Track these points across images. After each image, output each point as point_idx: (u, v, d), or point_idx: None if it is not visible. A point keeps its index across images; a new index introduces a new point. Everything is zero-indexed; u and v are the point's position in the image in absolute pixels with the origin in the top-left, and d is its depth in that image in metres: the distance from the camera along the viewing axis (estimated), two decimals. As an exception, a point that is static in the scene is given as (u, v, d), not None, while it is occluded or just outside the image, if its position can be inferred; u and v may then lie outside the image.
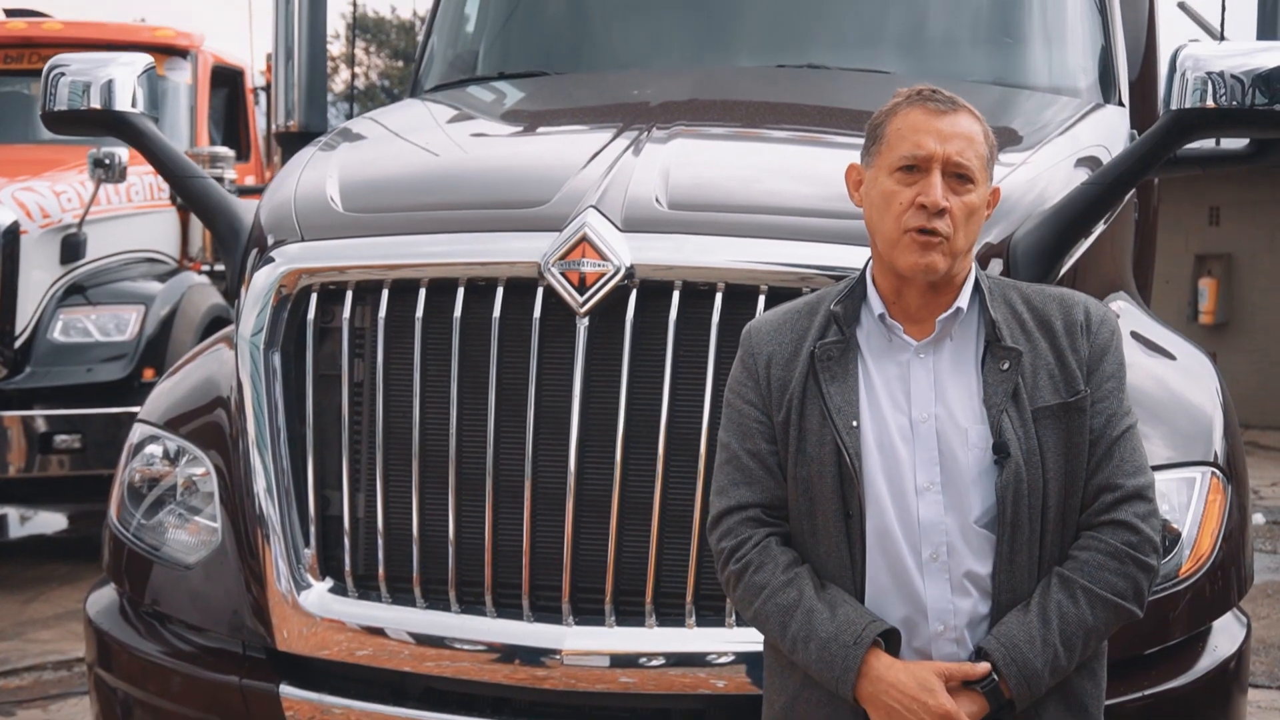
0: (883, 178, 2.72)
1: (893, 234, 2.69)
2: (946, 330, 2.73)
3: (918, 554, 2.67)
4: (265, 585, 3.70)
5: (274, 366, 3.74)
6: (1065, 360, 2.72)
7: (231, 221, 4.15)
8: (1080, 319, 2.76)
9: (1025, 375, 2.69)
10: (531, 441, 3.53)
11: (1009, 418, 2.66)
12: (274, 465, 3.71)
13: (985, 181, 2.72)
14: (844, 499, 2.69)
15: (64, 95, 4.18)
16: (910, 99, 2.74)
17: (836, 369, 2.73)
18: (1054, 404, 2.68)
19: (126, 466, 4.21)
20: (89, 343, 8.93)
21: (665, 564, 3.51)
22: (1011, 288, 2.82)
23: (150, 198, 9.87)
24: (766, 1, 5.29)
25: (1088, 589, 2.65)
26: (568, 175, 3.72)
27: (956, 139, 2.67)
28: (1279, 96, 3.54)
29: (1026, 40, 5.26)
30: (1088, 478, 2.70)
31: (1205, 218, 16.11)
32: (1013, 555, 2.66)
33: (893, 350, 2.75)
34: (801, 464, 2.73)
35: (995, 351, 2.70)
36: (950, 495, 2.67)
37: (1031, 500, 2.65)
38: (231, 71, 11.35)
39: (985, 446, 2.66)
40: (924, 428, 2.69)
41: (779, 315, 2.89)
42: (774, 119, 4.53)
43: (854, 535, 2.70)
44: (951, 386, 2.70)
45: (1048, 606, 2.64)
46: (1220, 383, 4.14)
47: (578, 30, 5.55)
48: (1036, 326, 2.74)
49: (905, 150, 2.68)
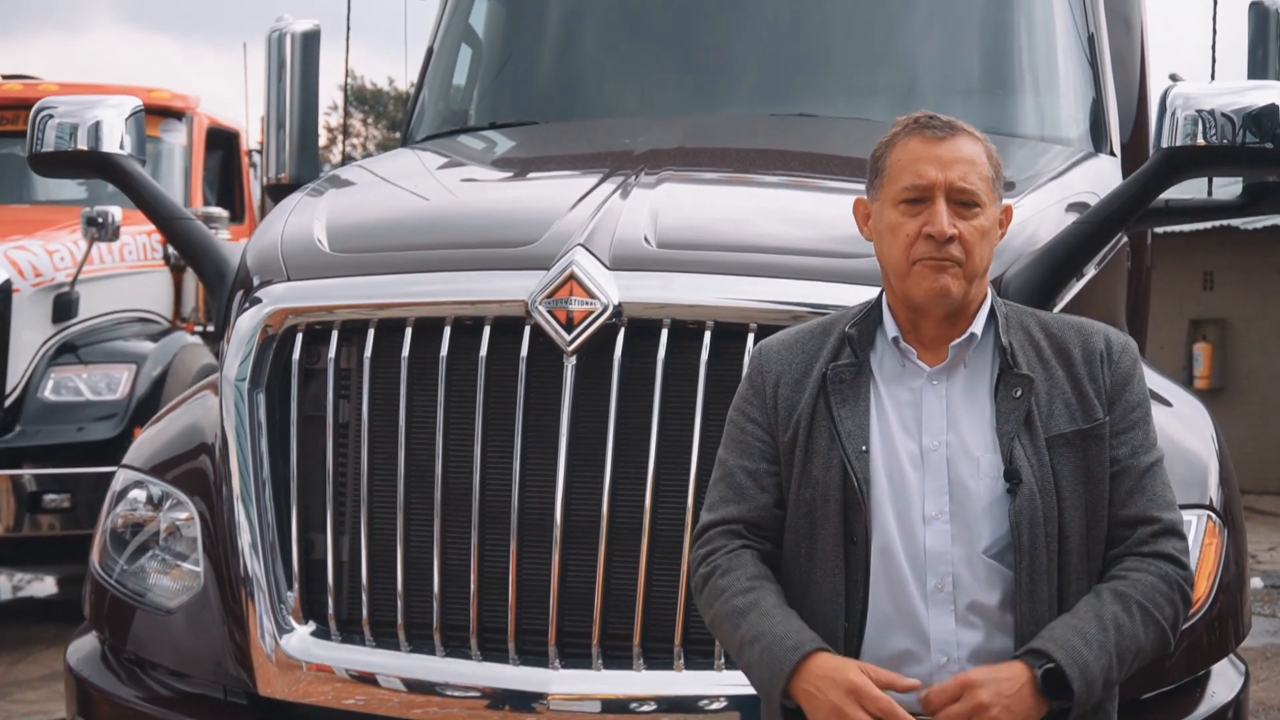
0: (888, 210, 2.69)
1: (902, 265, 2.66)
2: (960, 357, 2.69)
3: (923, 584, 2.62)
4: (247, 629, 3.64)
5: (258, 408, 3.71)
6: (1083, 388, 2.67)
7: (218, 263, 4.14)
8: (1100, 348, 2.71)
9: (1040, 402, 2.65)
10: (518, 482, 3.49)
11: (1021, 445, 2.61)
12: (257, 508, 3.67)
13: (993, 202, 2.68)
14: (847, 524, 2.64)
15: (51, 137, 4.17)
16: (907, 128, 2.71)
17: (848, 392, 2.69)
18: (1069, 431, 2.64)
19: (110, 513, 4.16)
20: (80, 401, 8.88)
21: (653, 606, 3.46)
22: (1030, 315, 2.77)
23: (143, 257, 9.85)
24: (757, 53, 5.30)
25: (1144, 607, 2.59)
26: (555, 216, 3.71)
27: (958, 164, 2.63)
28: (1270, 135, 3.53)
29: (1018, 90, 5.28)
30: (1117, 508, 2.66)
31: (1199, 282, 16.12)
32: (1033, 586, 2.60)
33: (905, 376, 2.70)
34: (806, 486, 2.68)
35: (1008, 379, 2.66)
36: (959, 525, 2.61)
37: (1048, 529, 2.60)
38: (227, 133, 11.37)
39: (996, 475, 2.61)
40: (934, 456, 2.64)
41: (791, 335, 2.85)
42: (763, 165, 4.53)
43: (855, 562, 2.64)
44: (964, 414, 2.66)
45: (1104, 615, 2.56)
46: (1216, 431, 4.12)
47: (569, 82, 5.56)
48: (1054, 354, 2.70)
49: (907, 181, 2.65)
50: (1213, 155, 3.56)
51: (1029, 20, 5.37)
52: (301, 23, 5.77)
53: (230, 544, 3.72)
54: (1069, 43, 5.31)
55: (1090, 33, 5.33)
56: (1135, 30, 5.98)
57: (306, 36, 5.71)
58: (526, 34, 5.73)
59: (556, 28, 5.72)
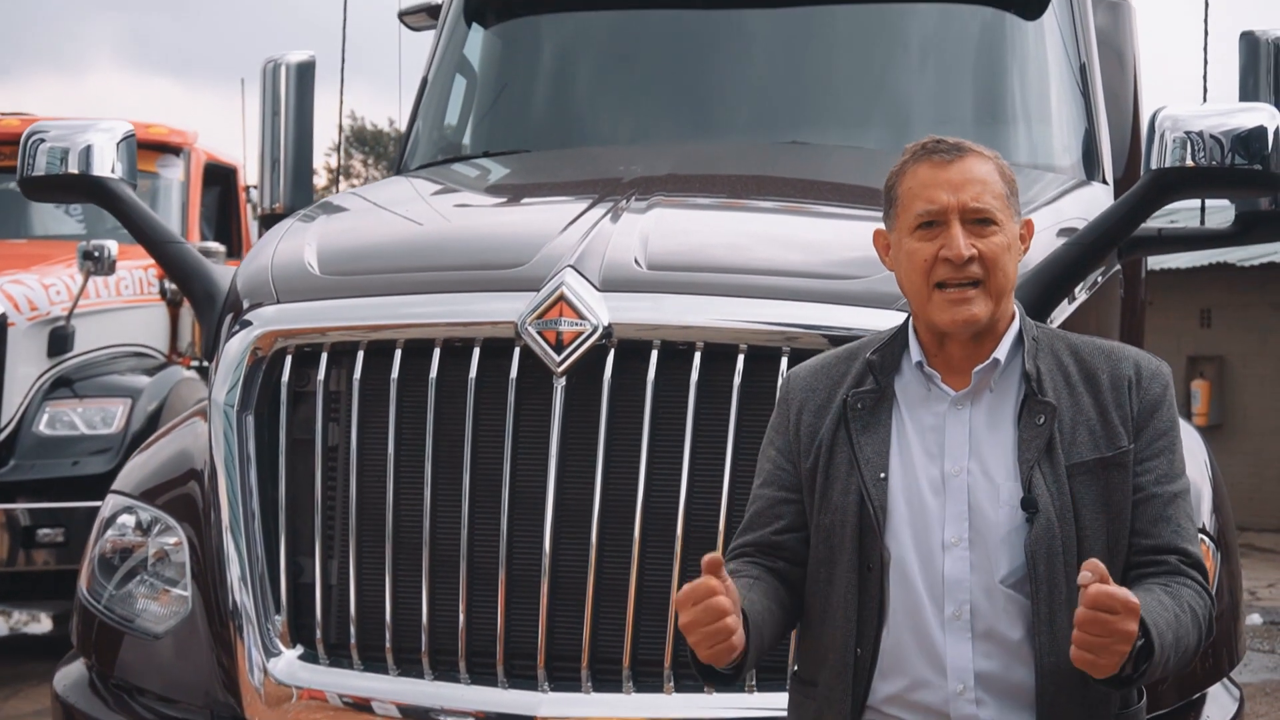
0: (905, 239, 2.67)
1: (924, 292, 2.64)
2: (984, 382, 2.65)
3: (940, 611, 2.58)
4: (234, 653, 3.63)
5: (247, 430, 3.70)
6: (1108, 415, 2.63)
7: (208, 286, 4.13)
8: (1129, 374, 2.67)
9: (1064, 429, 2.61)
10: (507, 507, 3.49)
11: (1041, 473, 2.57)
12: (245, 531, 3.66)
13: (1010, 218, 2.65)
14: (863, 551, 2.62)
15: (42, 162, 4.17)
16: (915, 155, 2.69)
17: (868, 419, 2.67)
18: (1090, 460, 2.59)
19: (98, 539, 4.15)
20: (75, 436, 8.86)
21: (643, 629, 3.45)
22: (1060, 339, 2.74)
23: (140, 292, 9.85)
24: (750, 85, 5.33)
25: (1193, 610, 2.54)
26: (545, 239, 3.71)
27: (969, 185, 2.61)
28: (1259, 157, 3.53)
29: (1010, 120, 5.29)
30: (1140, 536, 2.61)
31: (1196, 319, 16.12)
32: (1052, 616, 2.55)
33: (930, 400, 2.67)
34: (825, 512, 2.66)
35: (1031, 405, 2.62)
36: (977, 553, 2.58)
37: (1066, 559, 2.55)
38: (224, 169, 11.38)
39: (1015, 503, 2.57)
40: (955, 482, 2.61)
41: (817, 362, 2.83)
42: (754, 190, 4.54)
43: (870, 589, 2.61)
44: (987, 440, 2.63)
45: (1166, 604, 2.49)
46: (1210, 458, 4.11)
47: (563, 112, 5.58)
48: (1081, 380, 2.66)
49: (919, 208, 2.64)
50: (1202, 176, 3.56)
51: (1021, 51, 5.39)
52: (296, 54, 5.79)
53: (218, 568, 3.71)
54: (1061, 73, 5.33)
55: (1082, 63, 5.35)
56: (1129, 65, 6.00)
57: (301, 67, 5.73)
58: (521, 65, 5.75)
59: (551, 59, 5.74)
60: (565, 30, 5.73)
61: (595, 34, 5.66)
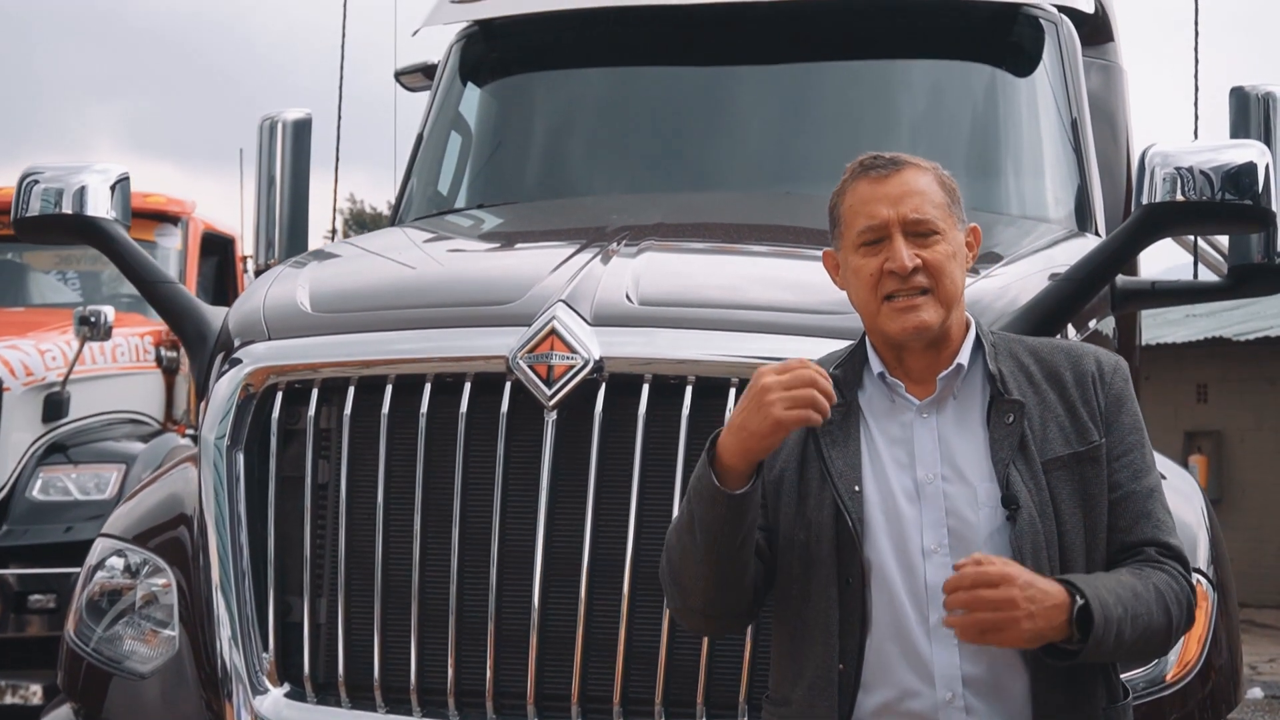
0: (851, 256, 2.72)
1: (872, 305, 2.68)
2: (949, 388, 2.68)
3: (924, 619, 2.58)
4: (220, 691, 3.59)
5: (237, 467, 3.69)
6: (1076, 411, 2.66)
7: (199, 326, 4.13)
8: (1092, 369, 2.70)
9: (1034, 427, 2.63)
10: (497, 543, 3.46)
11: (1017, 470, 2.60)
12: (234, 567, 3.64)
13: (953, 226, 2.69)
14: (841, 565, 2.62)
15: (36, 202, 4.18)
16: (854, 173, 2.75)
17: (838, 433, 2.68)
18: (1064, 454, 2.62)
19: (87, 583, 4.12)
20: (68, 501, 8.83)
21: (633, 665, 3.42)
22: (1017, 341, 2.78)
23: (136, 359, 9.85)
24: (743, 140, 5.36)
25: (1158, 589, 2.55)
26: (537, 279, 3.71)
27: (908, 198, 2.66)
28: (1249, 192, 3.54)
29: (1003, 173, 5.32)
30: (1122, 534, 2.63)
31: (1193, 394, 16.13)
32: None
33: (895, 410, 2.69)
34: (800, 527, 2.65)
35: (999, 405, 2.65)
36: (960, 557, 2.56)
37: (1050, 554, 2.57)
38: (223, 239, 11.41)
39: (995, 503, 2.59)
40: (930, 488, 2.62)
41: None
42: (744, 236, 4.57)
43: (849, 604, 2.61)
44: (957, 445, 2.65)
45: (1123, 580, 2.53)
46: (1206, 503, 4.10)
47: (557, 167, 5.61)
48: (1045, 378, 2.69)
49: (861, 224, 2.68)
50: (1193, 211, 3.57)
51: (1013, 106, 5.42)
52: (293, 111, 5.83)
53: (206, 605, 3.68)
54: (1053, 128, 5.36)
55: (1074, 118, 5.38)
56: (1121, 137, 6.04)
57: (298, 124, 5.76)
58: (515, 122, 5.79)
59: (545, 116, 5.78)
60: (560, 88, 5.78)
61: (589, 91, 5.70)
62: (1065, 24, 5.43)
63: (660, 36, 5.56)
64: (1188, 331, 16.12)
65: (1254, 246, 4.74)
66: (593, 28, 5.57)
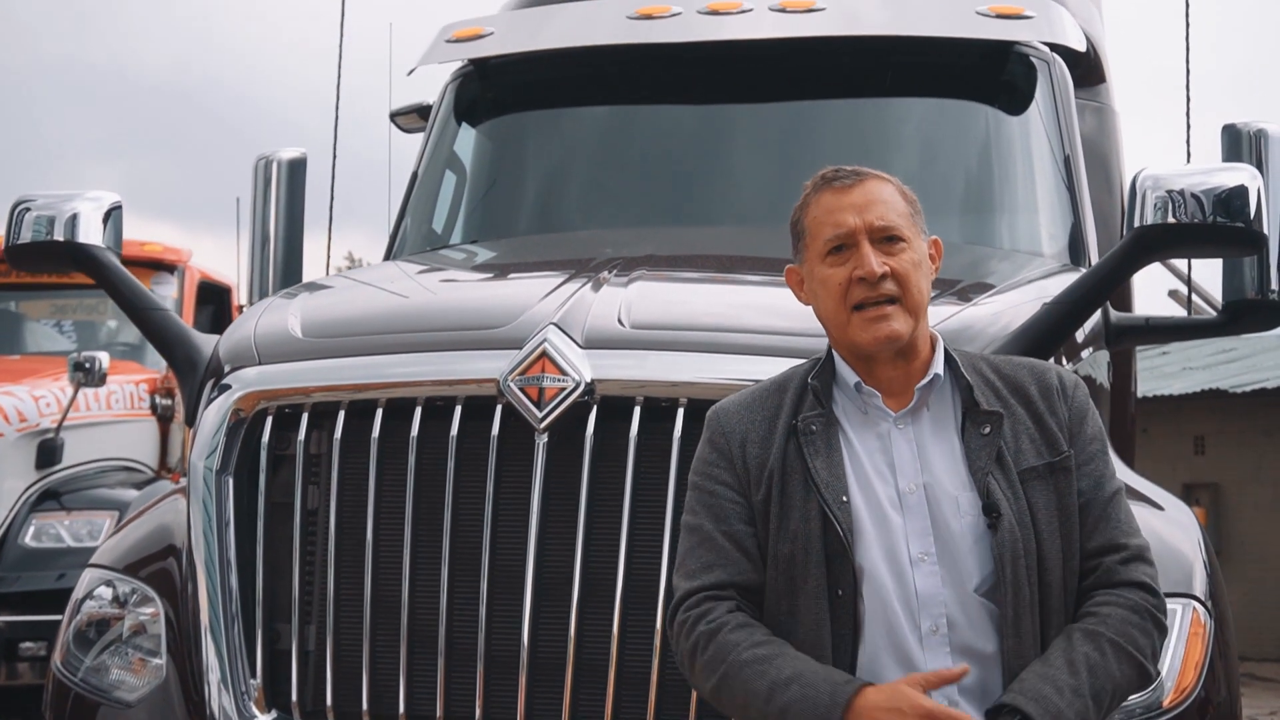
0: (817, 267, 2.72)
1: (841, 315, 2.68)
2: (925, 399, 2.69)
3: (917, 627, 2.58)
4: (208, 717, 3.54)
5: (226, 492, 3.66)
6: (1044, 423, 2.68)
7: (189, 353, 4.11)
8: (1055, 383, 2.73)
9: (1007, 439, 2.65)
10: (487, 569, 3.44)
11: (996, 480, 2.61)
12: (223, 593, 3.60)
13: (917, 235, 2.72)
14: (831, 576, 2.60)
15: (28, 230, 4.17)
16: (817, 186, 2.76)
17: (820, 443, 2.67)
18: (1039, 465, 2.64)
19: (75, 613, 4.08)
20: (61, 548, 8.81)
21: (624, 692, 3.37)
22: (979, 358, 2.80)
23: (130, 406, 9.84)
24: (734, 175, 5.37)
25: (1115, 642, 2.56)
26: (528, 304, 3.71)
27: (873, 205, 2.67)
28: (1240, 215, 3.54)
29: (996, 209, 5.33)
30: (1084, 540, 2.65)
31: (1190, 447, 16.11)
32: (1018, 620, 2.57)
33: (870, 422, 2.69)
34: (783, 541, 2.63)
35: (975, 416, 2.66)
36: (946, 565, 2.59)
37: (1029, 561, 2.58)
38: (219, 289, 11.44)
39: (977, 513, 2.60)
40: (913, 498, 2.62)
41: (746, 396, 2.84)
42: (734, 266, 4.57)
43: (841, 614, 2.59)
44: (936, 455, 2.65)
45: (1075, 658, 2.54)
46: (1203, 534, 4.08)
47: (550, 204, 5.62)
48: (1011, 393, 2.71)
49: (827, 234, 2.69)
50: (1185, 234, 3.57)
51: (1006, 144, 5.43)
52: (288, 150, 5.84)
53: (194, 633, 3.64)
54: (1045, 165, 5.37)
55: (1066, 155, 5.39)
56: (1115, 180, 6.06)
57: (293, 164, 5.77)
58: (509, 161, 5.80)
59: (539, 155, 5.80)
60: (554, 126, 5.81)
61: (583, 129, 5.73)
62: (1058, 63, 5.46)
63: (654, 75, 5.59)
64: (1184, 384, 16.12)
65: (1247, 282, 4.74)
66: (587, 67, 5.60)
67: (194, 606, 3.65)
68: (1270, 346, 17.00)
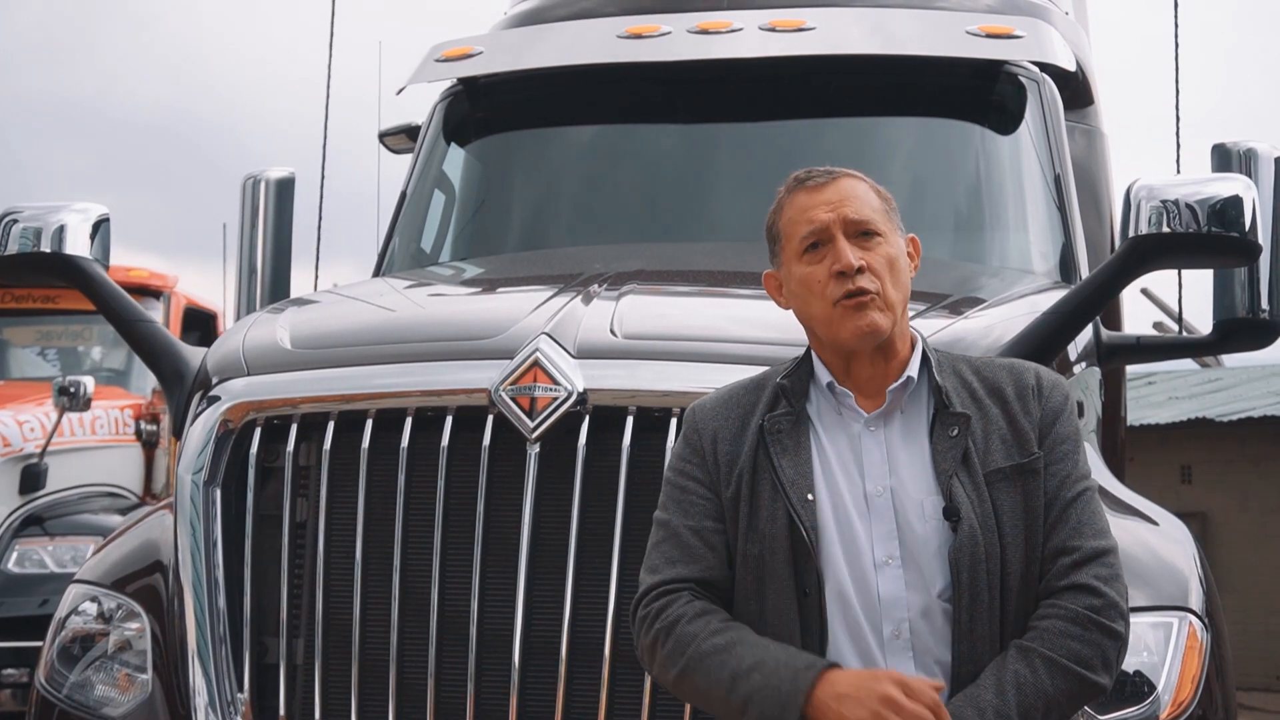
0: (795, 266, 2.71)
1: (824, 312, 2.66)
2: (897, 401, 2.67)
3: (879, 632, 2.56)
4: (192, 733, 3.50)
5: (214, 504, 3.63)
6: (1018, 424, 2.65)
7: (176, 365, 4.08)
8: (1031, 383, 2.70)
9: (976, 440, 2.62)
10: (479, 581, 3.40)
11: (959, 482, 2.58)
12: (210, 607, 3.56)
13: (893, 230, 2.70)
14: (798, 576, 2.57)
15: (15, 241, 4.14)
16: (790, 188, 2.75)
17: (787, 442, 2.65)
18: (1006, 466, 2.60)
19: (59, 629, 4.04)
20: (44, 574, 8.77)
21: (616, 707, 3.34)
22: (960, 359, 2.77)
23: (115, 432, 9.80)
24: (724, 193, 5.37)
25: (1047, 657, 2.51)
26: (519, 316, 3.68)
27: (847, 201, 2.66)
28: (1234, 224, 3.53)
29: (988, 227, 5.33)
30: (1044, 542, 2.60)
31: (1177, 475, 16.09)
32: (973, 626, 2.54)
33: (843, 422, 2.68)
34: (752, 540, 2.61)
35: (943, 418, 2.64)
36: (911, 570, 2.56)
37: (990, 566, 2.55)
38: (205, 315, 11.42)
39: (940, 516, 2.57)
40: (879, 501, 2.60)
41: (723, 393, 2.82)
42: (724, 281, 4.54)
43: (809, 615, 2.57)
44: (904, 458, 2.63)
45: (1003, 678, 2.50)
46: (1199, 548, 4.06)
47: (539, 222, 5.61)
48: (987, 394, 2.68)
49: (803, 232, 2.68)
50: (1180, 243, 3.56)
51: (996, 162, 5.44)
52: (276, 169, 5.82)
53: (180, 647, 3.60)
54: (1035, 184, 5.37)
55: (1057, 174, 5.39)
56: (1104, 203, 6.06)
57: (281, 183, 5.75)
58: (497, 180, 5.79)
59: (527, 174, 5.78)
60: (543, 144, 5.79)
61: (572, 147, 5.73)
62: (1047, 82, 5.46)
63: (643, 93, 5.59)
64: (1171, 413, 16.12)
65: (1238, 301, 4.73)
66: (577, 86, 5.59)
67: (180, 622, 3.61)
68: (1256, 376, 17.02)
